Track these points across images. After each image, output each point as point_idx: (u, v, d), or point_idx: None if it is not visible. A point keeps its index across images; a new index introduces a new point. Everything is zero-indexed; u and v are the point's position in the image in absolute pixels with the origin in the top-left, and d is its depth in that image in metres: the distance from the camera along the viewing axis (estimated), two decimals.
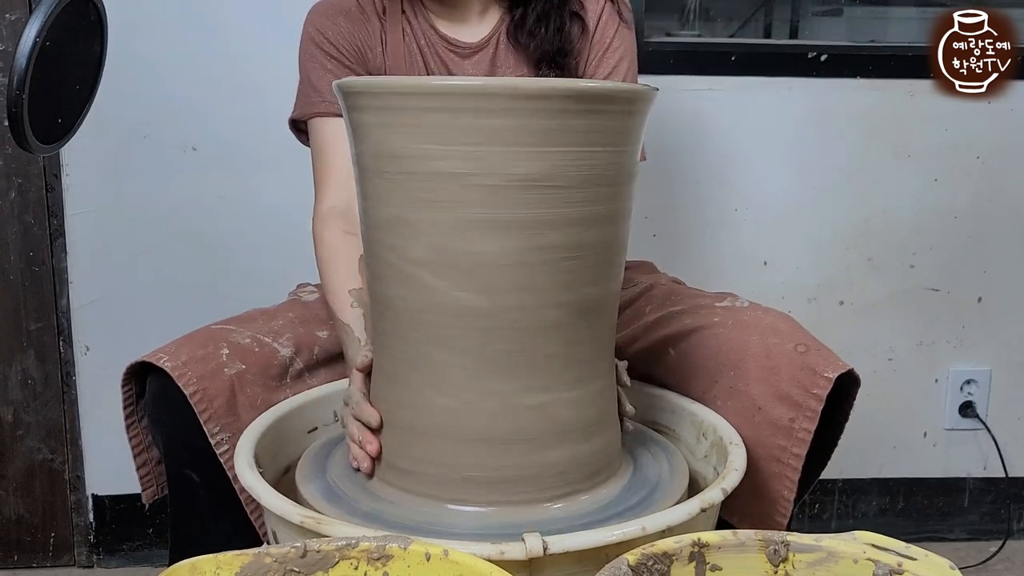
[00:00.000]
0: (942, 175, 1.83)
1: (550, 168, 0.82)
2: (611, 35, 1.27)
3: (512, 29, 1.25)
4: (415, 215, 0.84)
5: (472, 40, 1.26)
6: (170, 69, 1.68)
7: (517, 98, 0.80)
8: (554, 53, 1.23)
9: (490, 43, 1.27)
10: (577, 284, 0.87)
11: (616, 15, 1.27)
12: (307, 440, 1.07)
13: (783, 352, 1.04)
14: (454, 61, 1.26)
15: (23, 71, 0.80)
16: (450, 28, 1.26)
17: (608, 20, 1.27)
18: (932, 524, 1.98)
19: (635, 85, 0.89)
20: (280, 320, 1.16)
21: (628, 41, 1.28)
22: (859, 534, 0.76)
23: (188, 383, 1.02)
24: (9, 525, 1.82)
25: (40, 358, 1.77)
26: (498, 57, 1.26)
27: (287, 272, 1.41)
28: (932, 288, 1.87)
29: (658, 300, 1.21)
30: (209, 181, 1.72)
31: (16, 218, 1.72)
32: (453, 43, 1.26)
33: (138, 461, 1.14)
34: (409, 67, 1.25)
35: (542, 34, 1.23)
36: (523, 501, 0.88)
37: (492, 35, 1.27)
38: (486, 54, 1.26)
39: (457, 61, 1.26)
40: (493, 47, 1.27)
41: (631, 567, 0.70)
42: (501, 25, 1.27)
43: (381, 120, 0.85)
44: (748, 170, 1.80)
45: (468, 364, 0.86)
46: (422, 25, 1.26)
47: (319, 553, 0.73)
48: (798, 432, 1.01)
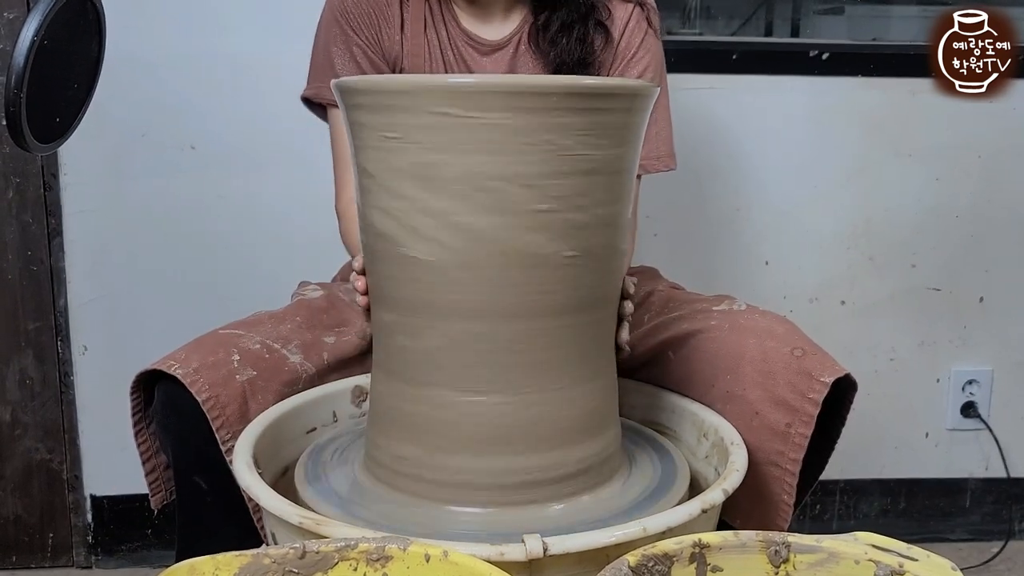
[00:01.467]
0: (943, 174, 1.83)
1: (548, 167, 0.82)
2: (637, 44, 1.26)
3: (534, 33, 1.24)
4: (412, 214, 0.84)
5: (494, 38, 1.26)
6: (169, 68, 1.68)
7: (513, 95, 0.80)
8: (574, 63, 1.23)
9: (511, 42, 1.26)
10: (577, 283, 0.86)
11: (644, 22, 1.26)
12: (306, 440, 1.07)
13: (779, 356, 1.04)
14: (473, 58, 1.26)
15: (21, 70, 0.80)
16: (473, 24, 1.26)
17: (635, 28, 1.26)
18: (934, 525, 1.98)
19: (632, 81, 0.88)
20: (288, 324, 1.15)
21: (655, 50, 1.28)
22: (860, 535, 0.76)
23: (200, 390, 1.00)
24: (7, 525, 1.82)
25: (38, 358, 1.77)
26: (518, 58, 1.26)
27: (287, 271, 1.41)
28: (934, 288, 1.87)
29: (657, 307, 1.20)
30: (208, 180, 1.72)
31: (14, 217, 1.72)
32: (474, 39, 1.26)
33: (147, 467, 1.12)
34: (428, 60, 1.25)
35: (563, 43, 1.22)
36: (523, 502, 0.87)
37: (514, 35, 1.26)
38: (506, 53, 1.26)
39: (476, 58, 1.26)
40: (514, 47, 1.26)
41: (632, 568, 0.70)
42: (524, 26, 1.26)
43: (376, 120, 0.84)
44: (749, 169, 1.80)
45: (467, 365, 0.86)
46: (445, 17, 1.25)
47: (318, 554, 0.73)
48: (795, 437, 1.01)
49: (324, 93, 1.26)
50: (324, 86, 1.26)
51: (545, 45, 1.23)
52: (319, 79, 1.27)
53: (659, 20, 1.29)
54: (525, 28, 1.26)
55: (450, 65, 1.26)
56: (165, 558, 1.81)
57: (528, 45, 1.25)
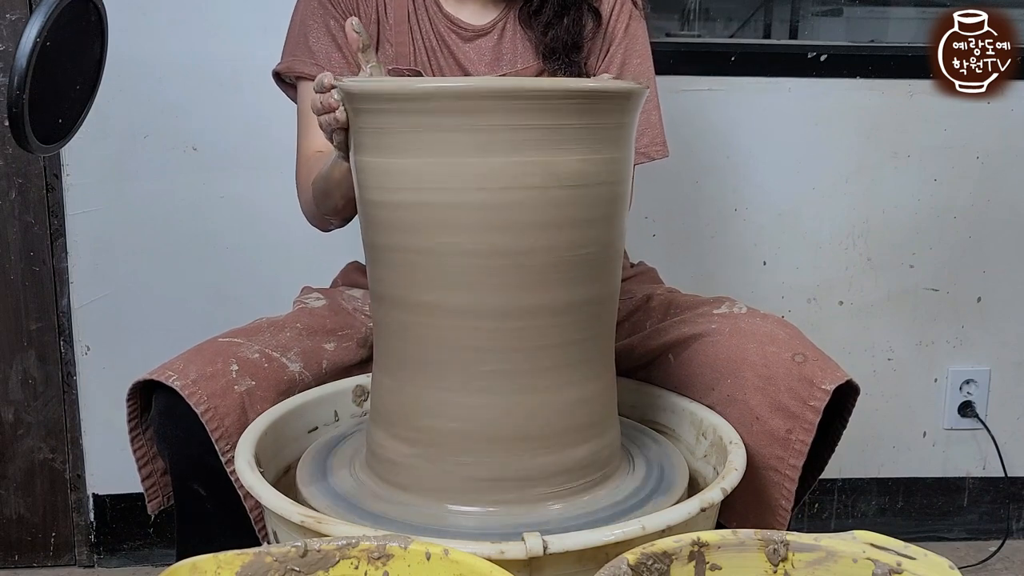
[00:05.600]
0: (941, 175, 1.83)
1: (545, 167, 0.82)
2: (622, 29, 1.25)
3: (526, 17, 1.22)
4: (413, 216, 0.85)
5: (477, 23, 1.24)
6: (171, 69, 1.68)
7: (500, 98, 0.80)
8: (567, 48, 1.21)
9: (496, 28, 1.24)
10: (576, 283, 0.87)
11: (630, 4, 1.25)
12: (307, 440, 1.07)
13: (780, 362, 1.03)
14: (456, 44, 1.24)
15: (24, 71, 0.80)
16: (455, 7, 1.24)
17: (619, 13, 1.25)
18: (931, 524, 1.98)
19: (621, 84, 0.89)
20: (288, 332, 1.13)
21: (640, 34, 1.26)
22: (858, 533, 0.76)
23: (199, 402, 0.99)
24: (10, 525, 1.83)
25: (41, 358, 1.78)
26: (503, 44, 1.24)
27: (287, 271, 1.42)
28: (931, 288, 1.88)
29: (658, 311, 1.19)
30: (209, 181, 1.72)
31: (17, 218, 1.73)
32: (457, 24, 1.23)
33: (143, 473, 1.11)
34: (411, 46, 1.22)
35: (559, 25, 1.20)
36: (523, 501, 0.88)
37: (499, 20, 1.24)
38: (490, 39, 1.24)
39: (459, 44, 1.24)
40: (498, 33, 1.24)
41: (631, 566, 0.70)
42: (510, 11, 1.24)
43: (373, 121, 0.85)
44: (748, 170, 1.80)
45: (468, 364, 0.86)
46: (427, 1, 1.23)
47: (319, 552, 0.73)
48: (795, 443, 1.01)
49: (296, 67, 1.23)
50: (296, 59, 1.23)
51: (540, 28, 1.21)
52: (291, 54, 1.24)
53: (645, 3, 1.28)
54: (511, 14, 1.24)
55: (432, 51, 1.24)
56: (167, 557, 1.81)
57: (518, 30, 1.23)
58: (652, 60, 1.28)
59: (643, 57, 1.27)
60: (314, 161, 1.19)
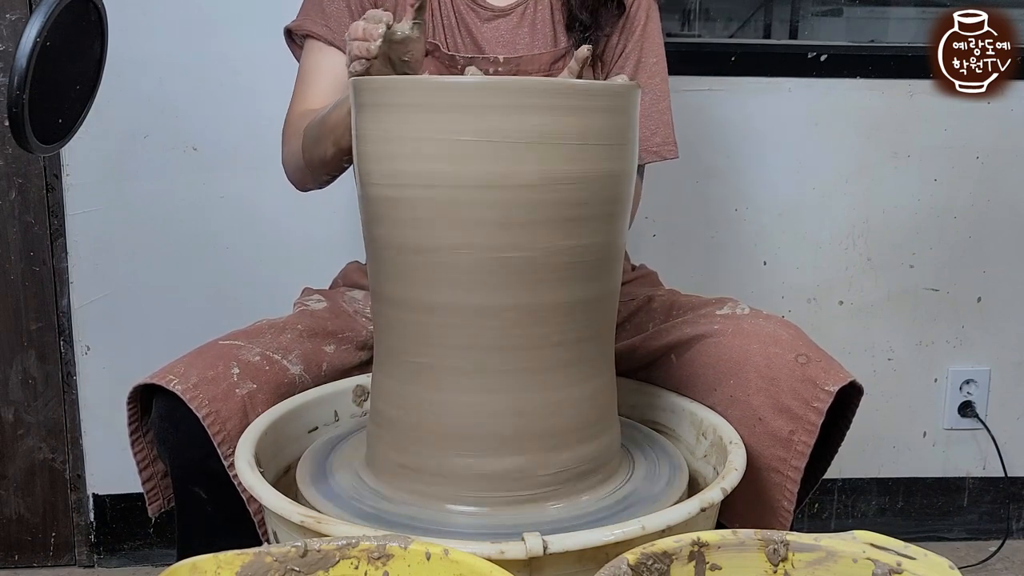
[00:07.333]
0: (941, 175, 1.83)
1: (545, 166, 0.82)
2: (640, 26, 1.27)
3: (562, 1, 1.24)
4: (414, 215, 0.85)
5: (498, 4, 1.25)
6: (171, 69, 1.68)
7: (501, 94, 0.81)
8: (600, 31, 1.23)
9: (515, 11, 1.25)
10: (576, 282, 0.87)
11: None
12: (307, 440, 1.07)
13: (783, 363, 1.03)
14: (475, 23, 1.25)
15: (24, 71, 0.80)
16: None
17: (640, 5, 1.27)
18: (931, 524, 1.98)
19: (617, 83, 0.89)
20: (288, 334, 1.13)
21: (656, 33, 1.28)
22: (858, 533, 0.76)
23: (200, 406, 0.99)
24: (10, 525, 1.83)
25: (41, 358, 1.78)
26: (522, 28, 1.25)
27: (287, 272, 1.42)
28: (931, 288, 1.88)
29: (660, 313, 1.19)
30: (210, 181, 1.72)
31: (17, 218, 1.73)
32: (478, 3, 1.25)
33: (144, 475, 1.11)
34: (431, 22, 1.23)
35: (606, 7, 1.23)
36: (523, 501, 0.88)
37: (520, 4, 1.25)
38: (509, 21, 1.25)
39: (478, 24, 1.25)
40: (518, 16, 1.25)
41: (631, 566, 0.70)
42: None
43: (377, 115, 0.85)
44: (748, 170, 1.80)
45: (468, 364, 0.87)
46: None
47: (319, 552, 0.73)
48: (797, 445, 1.01)
49: (306, 25, 1.25)
50: (309, 19, 1.25)
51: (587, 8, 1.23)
52: (305, 15, 1.26)
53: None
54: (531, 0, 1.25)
55: (451, 29, 1.24)
56: (167, 557, 1.81)
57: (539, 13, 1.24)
58: (666, 59, 1.30)
59: (659, 57, 1.29)
60: (307, 118, 1.20)
